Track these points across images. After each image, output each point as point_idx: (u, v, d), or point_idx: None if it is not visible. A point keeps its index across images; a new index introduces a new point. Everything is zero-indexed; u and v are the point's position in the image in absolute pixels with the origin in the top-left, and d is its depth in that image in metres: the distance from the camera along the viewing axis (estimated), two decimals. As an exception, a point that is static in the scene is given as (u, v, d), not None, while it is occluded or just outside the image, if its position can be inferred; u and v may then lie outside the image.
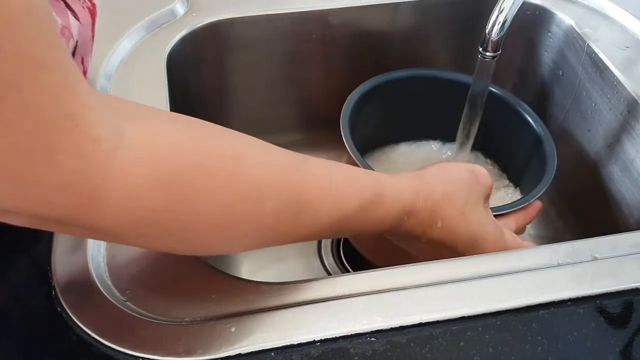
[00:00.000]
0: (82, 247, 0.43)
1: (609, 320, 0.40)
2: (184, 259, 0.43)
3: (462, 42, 0.74)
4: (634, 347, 0.39)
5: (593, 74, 0.64)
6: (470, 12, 0.72)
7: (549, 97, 0.73)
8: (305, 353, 0.38)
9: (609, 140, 0.63)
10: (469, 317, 0.40)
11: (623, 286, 0.42)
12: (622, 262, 0.44)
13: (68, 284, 0.41)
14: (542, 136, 0.57)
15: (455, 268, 0.43)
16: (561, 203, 0.73)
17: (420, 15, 0.72)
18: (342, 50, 0.72)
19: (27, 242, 0.45)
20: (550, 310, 0.41)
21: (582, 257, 0.44)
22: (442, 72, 0.66)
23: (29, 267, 0.43)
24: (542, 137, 0.57)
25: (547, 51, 0.72)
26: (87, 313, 0.39)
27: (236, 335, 0.38)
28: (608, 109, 0.63)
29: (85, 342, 0.38)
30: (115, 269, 0.42)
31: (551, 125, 0.71)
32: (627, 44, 0.64)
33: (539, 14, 0.71)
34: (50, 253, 0.43)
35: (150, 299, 0.40)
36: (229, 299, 0.40)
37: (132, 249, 0.44)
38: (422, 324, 0.39)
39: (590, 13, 0.69)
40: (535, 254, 0.44)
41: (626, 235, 0.46)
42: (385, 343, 0.38)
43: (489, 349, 0.38)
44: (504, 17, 0.53)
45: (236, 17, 0.67)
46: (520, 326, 0.40)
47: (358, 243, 0.62)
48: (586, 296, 0.41)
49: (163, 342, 0.38)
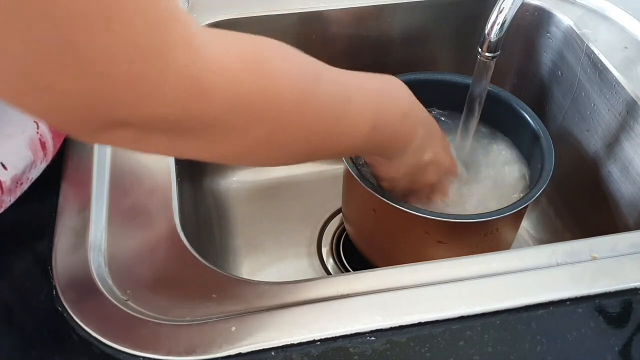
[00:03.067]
0: (83, 246, 0.43)
1: (607, 319, 0.41)
2: (185, 259, 0.43)
3: (461, 43, 0.75)
4: (633, 347, 0.39)
5: (592, 74, 0.64)
6: (469, 13, 0.72)
7: (548, 97, 0.73)
8: (306, 352, 0.38)
9: (608, 140, 0.63)
10: (468, 316, 0.40)
11: (622, 286, 0.42)
12: (621, 262, 0.44)
13: (69, 283, 0.41)
14: (540, 134, 0.58)
15: (455, 268, 0.43)
16: (560, 203, 0.73)
17: (420, 15, 0.72)
18: (342, 50, 0.72)
19: (28, 242, 0.45)
20: (549, 309, 0.41)
21: (581, 257, 0.44)
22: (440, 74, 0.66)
23: (30, 266, 0.43)
24: (540, 136, 0.57)
25: (546, 52, 0.72)
26: (87, 312, 0.40)
27: (237, 335, 0.38)
28: (607, 109, 0.63)
29: (86, 341, 0.38)
30: (116, 268, 0.42)
31: (550, 125, 0.72)
32: (626, 45, 0.64)
33: (538, 14, 0.71)
34: (52, 252, 0.43)
35: (151, 298, 0.41)
36: (230, 299, 0.41)
37: (133, 248, 0.44)
38: (422, 323, 0.40)
39: (590, 14, 0.69)
40: (535, 254, 0.44)
41: (625, 235, 0.46)
42: (385, 342, 0.39)
43: (488, 348, 0.39)
44: (503, 18, 0.53)
45: (236, 18, 0.67)
46: (520, 326, 0.40)
47: (358, 242, 0.63)
48: (585, 296, 0.41)
49: (164, 342, 0.38)
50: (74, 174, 0.49)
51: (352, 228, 0.63)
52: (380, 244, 0.60)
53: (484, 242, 0.54)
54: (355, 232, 0.63)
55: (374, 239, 0.60)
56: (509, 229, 0.57)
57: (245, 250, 0.70)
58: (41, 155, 0.45)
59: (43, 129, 0.45)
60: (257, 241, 0.71)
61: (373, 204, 0.53)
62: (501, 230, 0.55)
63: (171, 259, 0.43)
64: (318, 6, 0.69)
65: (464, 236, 0.54)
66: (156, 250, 0.44)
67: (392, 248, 0.58)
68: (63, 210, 0.46)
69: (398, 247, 0.57)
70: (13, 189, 0.43)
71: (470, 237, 0.54)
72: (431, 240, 0.53)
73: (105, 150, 0.51)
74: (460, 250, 0.54)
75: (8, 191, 0.43)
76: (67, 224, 0.45)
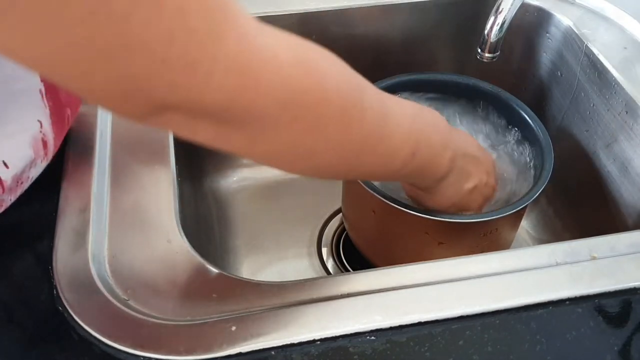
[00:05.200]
0: (83, 246, 0.44)
1: (607, 319, 0.41)
2: (185, 259, 0.43)
3: (461, 43, 0.75)
4: (632, 346, 0.39)
5: (591, 74, 0.64)
6: (469, 13, 0.72)
7: (547, 97, 0.73)
8: (306, 352, 0.38)
9: (607, 140, 0.63)
10: (468, 316, 0.40)
11: (621, 286, 0.42)
12: (620, 261, 0.44)
13: (69, 283, 0.41)
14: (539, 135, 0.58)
15: (454, 268, 0.43)
16: (559, 203, 0.73)
17: (420, 16, 0.72)
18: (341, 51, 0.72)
19: (29, 241, 0.45)
20: (548, 309, 0.41)
21: (581, 256, 0.44)
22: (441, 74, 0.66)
23: (31, 266, 0.43)
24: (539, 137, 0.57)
25: (545, 52, 0.72)
26: (88, 312, 0.40)
27: (237, 335, 0.38)
28: (606, 110, 0.63)
29: (86, 341, 0.38)
30: (116, 268, 0.43)
31: (550, 125, 0.72)
32: (626, 45, 0.64)
33: (538, 15, 0.71)
34: (52, 252, 0.43)
35: (151, 298, 0.41)
36: (230, 299, 0.41)
37: (134, 249, 0.44)
38: (422, 323, 0.40)
39: (589, 14, 0.69)
40: (534, 254, 0.44)
41: (624, 235, 0.46)
42: (385, 342, 0.39)
43: (488, 347, 0.39)
44: (502, 18, 0.53)
45: (236, 18, 0.67)
46: (519, 325, 0.40)
47: (358, 242, 0.63)
48: (584, 296, 0.42)
49: (164, 341, 0.38)
50: (74, 173, 0.49)
51: (352, 228, 0.63)
52: (380, 245, 0.60)
53: (484, 242, 0.54)
54: (355, 232, 0.63)
55: (374, 240, 0.60)
56: (509, 228, 0.57)
57: (245, 250, 0.70)
58: (42, 154, 0.45)
59: (46, 128, 0.45)
60: (257, 241, 0.71)
61: (373, 204, 0.53)
62: (501, 230, 0.55)
63: (172, 259, 0.43)
64: (318, 6, 0.69)
65: (463, 236, 0.54)
66: (156, 250, 0.44)
67: (392, 248, 0.58)
68: (63, 209, 0.46)
69: (398, 247, 0.57)
70: (14, 187, 0.43)
71: (469, 237, 0.54)
72: (431, 241, 0.53)
73: (105, 150, 0.51)
74: (461, 250, 0.54)
75: (9, 190, 0.43)
76: (67, 223, 0.45)
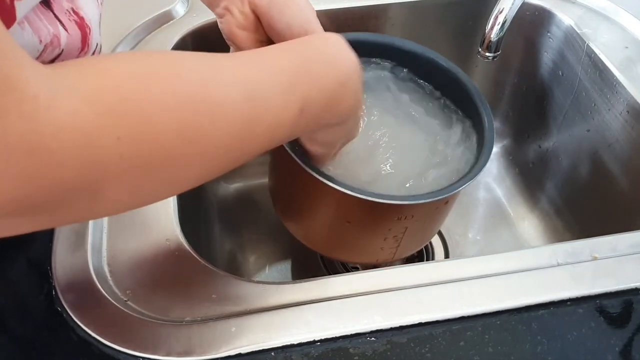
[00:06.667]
0: (82, 247, 0.43)
1: (608, 320, 0.40)
2: (184, 259, 0.43)
3: (461, 43, 0.75)
4: (634, 347, 0.39)
5: (593, 74, 0.64)
6: (469, 13, 0.72)
7: (548, 97, 0.73)
8: (305, 353, 0.38)
9: (609, 140, 0.63)
10: (468, 316, 0.40)
11: (622, 286, 0.42)
12: (622, 262, 0.44)
13: (68, 283, 0.41)
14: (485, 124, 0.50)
15: (455, 268, 0.43)
16: (561, 203, 0.73)
17: (420, 15, 0.72)
18: (342, 50, 0.72)
19: (27, 242, 0.45)
20: (549, 310, 0.41)
21: (582, 257, 0.44)
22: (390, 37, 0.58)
23: (30, 267, 0.43)
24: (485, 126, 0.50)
25: (546, 51, 0.72)
26: (87, 313, 0.40)
27: (236, 335, 0.38)
28: (607, 109, 0.63)
29: (85, 341, 0.38)
30: (115, 268, 0.42)
31: (551, 125, 0.72)
32: (627, 44, 0.64)
33: (539, 14, 0.71)
34: (51, 253, 0.43)
35: (150, 299, 0.41)
36: (229, 299, 0.41)
37: (133, 249, 0.44)
38: (422, 323, 0.40)
39: (590, 13, 0.69)
40: (535, 254, 0.44)
41: (625, 236, 0.46)
42: (385, 343, 0.38)
43: (489, 348, 0.39)
44: (503, 18, 0.53)
45: (236, 18, 0.67)
46: (520, 326, 0.40)
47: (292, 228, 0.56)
48: (586, 296, 0.41)
49: (163, 342, 0.38)
50: (73, 174, 0.49)
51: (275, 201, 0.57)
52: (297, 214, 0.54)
53: (399, 228, 0.48)
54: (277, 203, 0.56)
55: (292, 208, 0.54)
56: (430, 218, 0.51)
57: (245, 250, 0.70)
58: None
59: None
60: (256, 241, 0.71)
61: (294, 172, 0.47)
62: (417, 217, 0.48)
63: (171, 259, 0.43)
64: (318, 7, 0.69)
65: (374, 218, 0.48)
66: (156, 250, 0.44)
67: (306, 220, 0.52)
68: (63, 210, 0.46)
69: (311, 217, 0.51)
70: None
71: (381, 219, 0.48)
72: (340, 217, 0.48)
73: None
74: (372, 233, 0.49)
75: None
76: (66, 224, 0.45)
